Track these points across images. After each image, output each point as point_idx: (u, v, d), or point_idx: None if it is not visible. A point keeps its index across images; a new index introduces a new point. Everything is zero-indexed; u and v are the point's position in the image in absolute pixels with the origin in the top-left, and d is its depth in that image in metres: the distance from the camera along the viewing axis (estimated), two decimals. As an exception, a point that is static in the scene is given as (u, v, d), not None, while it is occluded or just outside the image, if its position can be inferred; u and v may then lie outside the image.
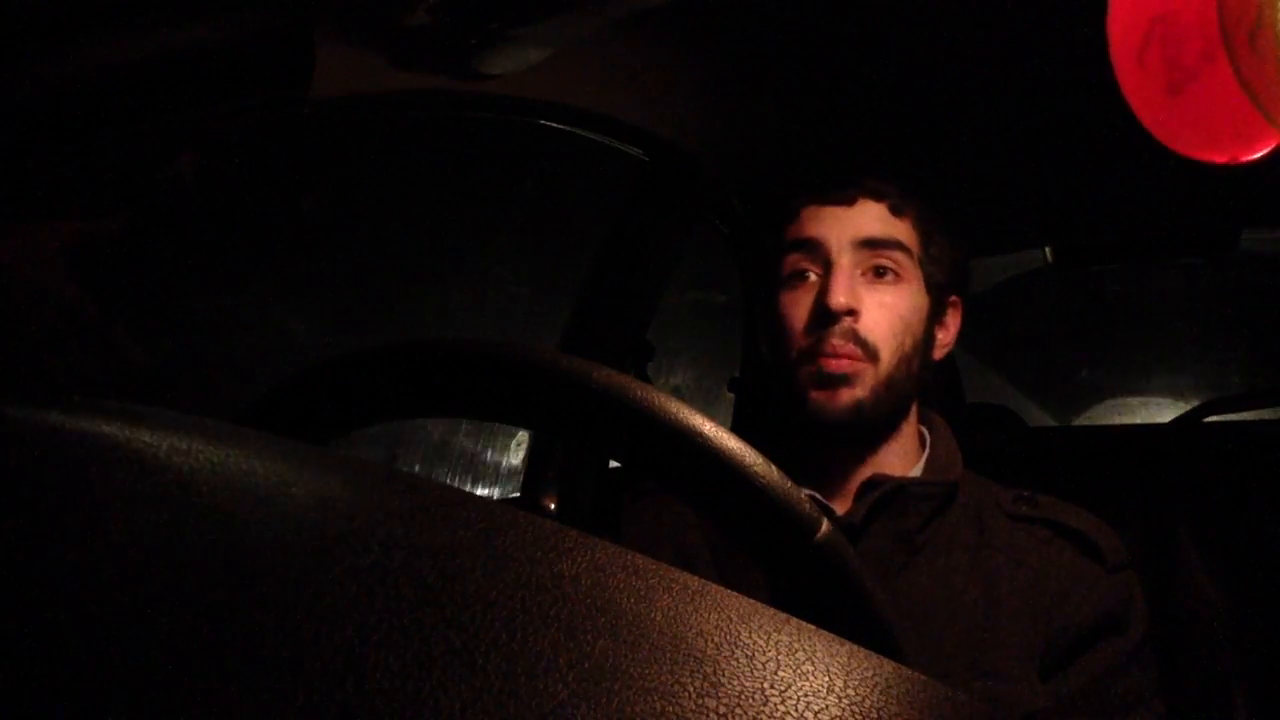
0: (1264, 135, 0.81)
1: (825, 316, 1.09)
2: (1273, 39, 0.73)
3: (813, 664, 0.34)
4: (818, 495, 1.13)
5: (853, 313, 1.09)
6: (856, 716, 0.32)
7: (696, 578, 0.38)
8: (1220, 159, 0.85)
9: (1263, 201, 1.61)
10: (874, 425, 1.12)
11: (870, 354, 1.09)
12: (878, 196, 1.14)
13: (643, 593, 0.36)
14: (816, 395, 1.10)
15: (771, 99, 1.35)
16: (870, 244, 1.12)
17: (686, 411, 0.53)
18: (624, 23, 1.10)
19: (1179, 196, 1.59)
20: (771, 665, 0.33)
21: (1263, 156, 0.83)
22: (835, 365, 1.09)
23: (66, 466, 0.38)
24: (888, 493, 1.09)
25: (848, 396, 1.09)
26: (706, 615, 0.35)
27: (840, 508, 1.12)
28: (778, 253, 1.16)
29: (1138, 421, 2.66)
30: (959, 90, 1.35)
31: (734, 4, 1.15)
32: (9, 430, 0.40)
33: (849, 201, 1.14)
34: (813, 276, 1.13)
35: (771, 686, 0.32)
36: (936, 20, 1.19)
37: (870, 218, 1.13)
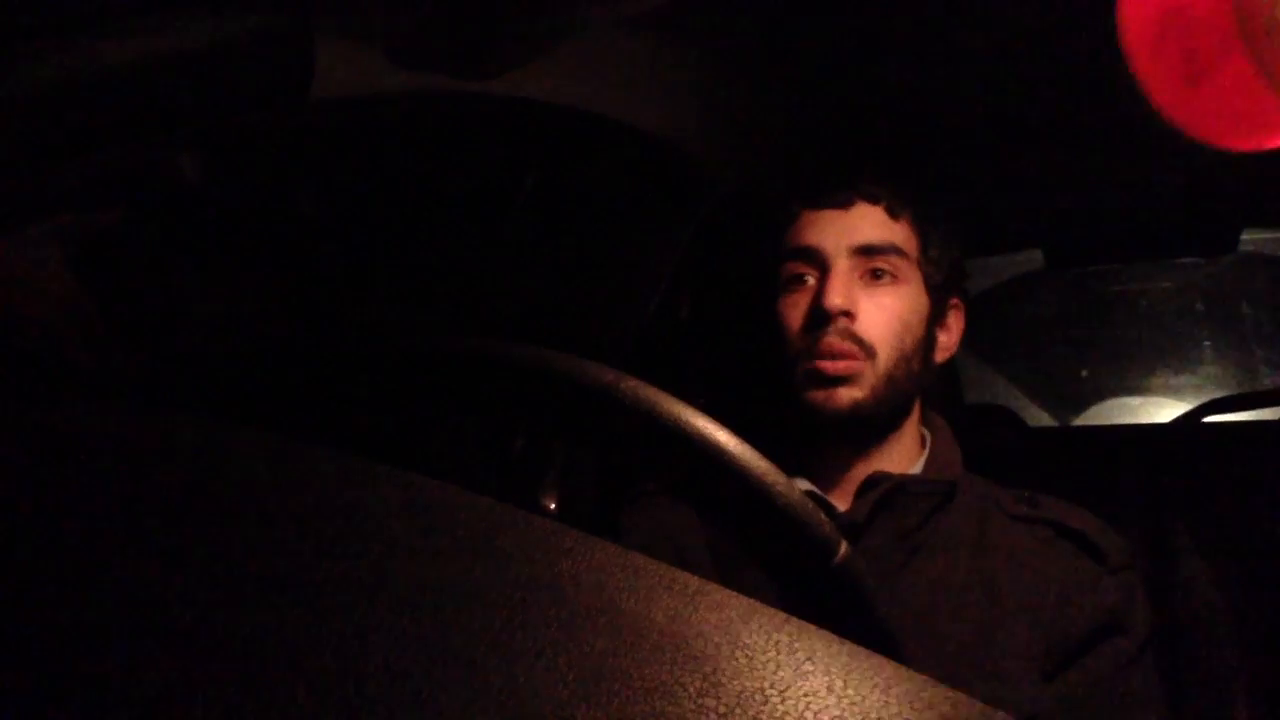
0: None
1: (821, 317, 1.09)
2: None
3: (813, 664, 0.34)
4: (816, 490, 1.13)
5: (849, 314, 1.09)
6: (856, 716, 0.32)
7: (696, 578, 0.38)
8: (1245, 147, 0.85)
9: (1263, 201, 1.61)
10: (874, 424, 1.12)
11: (868, 352, 1.09)
12: (874, 199, 1.14)
13: (643, 593, 0.36)
14: (814, 395, 1.10)
15: (769, 100, 1.35)
16: (867, 250, 1.12)
17: (711, 426, 0.53)
18: (624, 23, 1.10)
19: (1179, 196, 1.59)
20: (771, 665, 0.33)
21: None
22: (832, 367, 1.09)
23: (66, 465, 0.38)
24: (889, 490, 1.09)
25: (845, 396, 1.09)
26: (706, 615, 0.35)
27: (839, 504, 1.12)
28: (775, 258, 1.17)
29: (1138, 421, 2.66)
30: (957, 90, 1.35)
31: (734, 4, 1.15)
32: (9, 429, 0.40)
33: (845, 205, 1.14)
34: (810, 281, 1.13)
35: (771, 686, 0.32)
36: (934, 19, 1.19)
37: (867, 222, 1.13)
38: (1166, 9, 0.81)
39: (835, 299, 1.09)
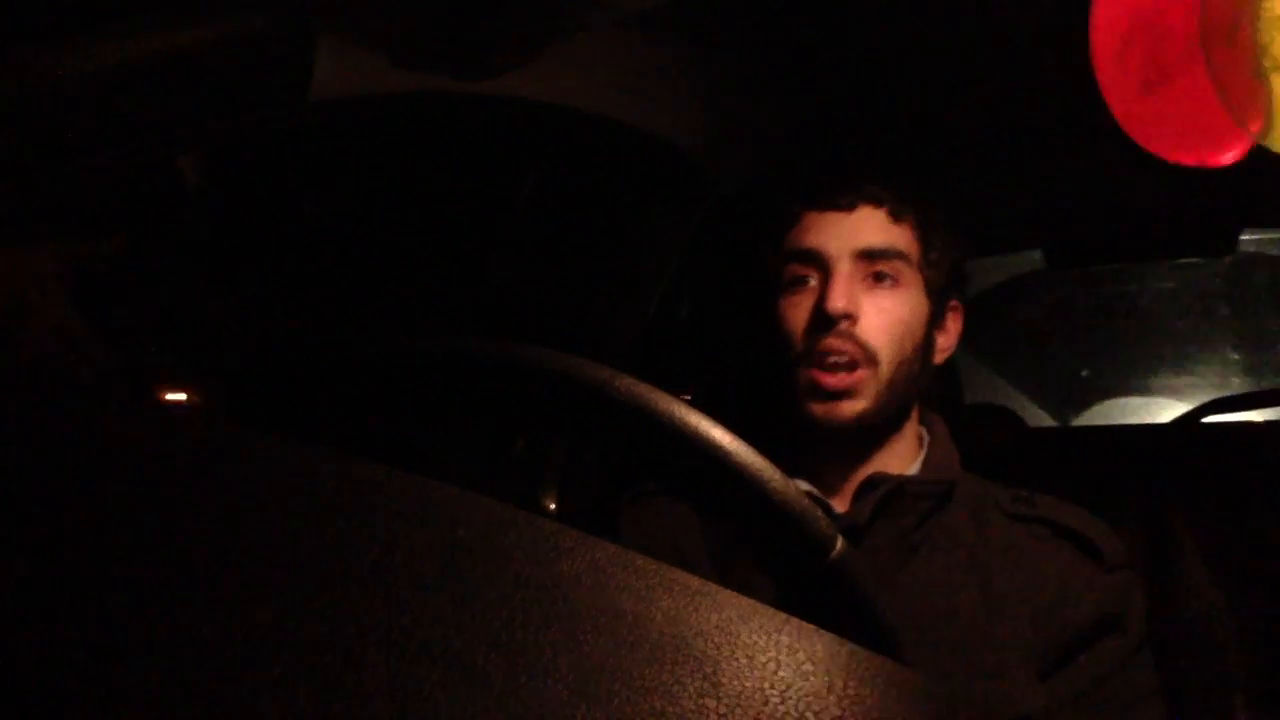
0: (1234, 139, 0.81)
1: (824, 321, 1.09)
2: (1250, 39, 0.73)
3: (813, 664, 0.34)
4: (815, 491, 1.13)
5: (850, 317, 1.09)
6: (856, 716, 0.32)
7: (696, 578, 0.38)
8: (1190, 161, 0.85)
9: (1263, 201, 1.61)
10: (876, 430, 1.12)
11: (869, 356, 1.09)
12: (877, 202, 1.14)
13: (643, 593, 0.36)
14: (815, 408, 1.09)
15: (770, 100, 1.35)
16: (870, 254, 1.11)
17: (707, 424, 0.53)
18: (624, 22, 1.10)
19: (1178, 196, 1.59)
20: (771, 665, 0.33)
21: (1231, 161, 0.83)
22: (834, 381, 1.08)
23: (65, 465, 0.38)
24: (889, 492, 1.08)
25: (849, 409, 1.08)
26: (706, 615, 0.35)
27: (838, 505, 1.12)
28: (777, 260, 1.16)
29: (1138, 421, 2.66)
30: (957, 90, 1.35)
31: (734, 4, 1.15)
32: (10, 429, 0.40)
33: (848, 208, 1.14)
34: (812, 283, 1.12)
35: (771, 686, 0.32)
36: (934, 20, 1.19)
37: (870, 226, 1.13)
38: (1137, 12, 0.81)
39: (838, 302, 1.08)
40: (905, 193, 1.15)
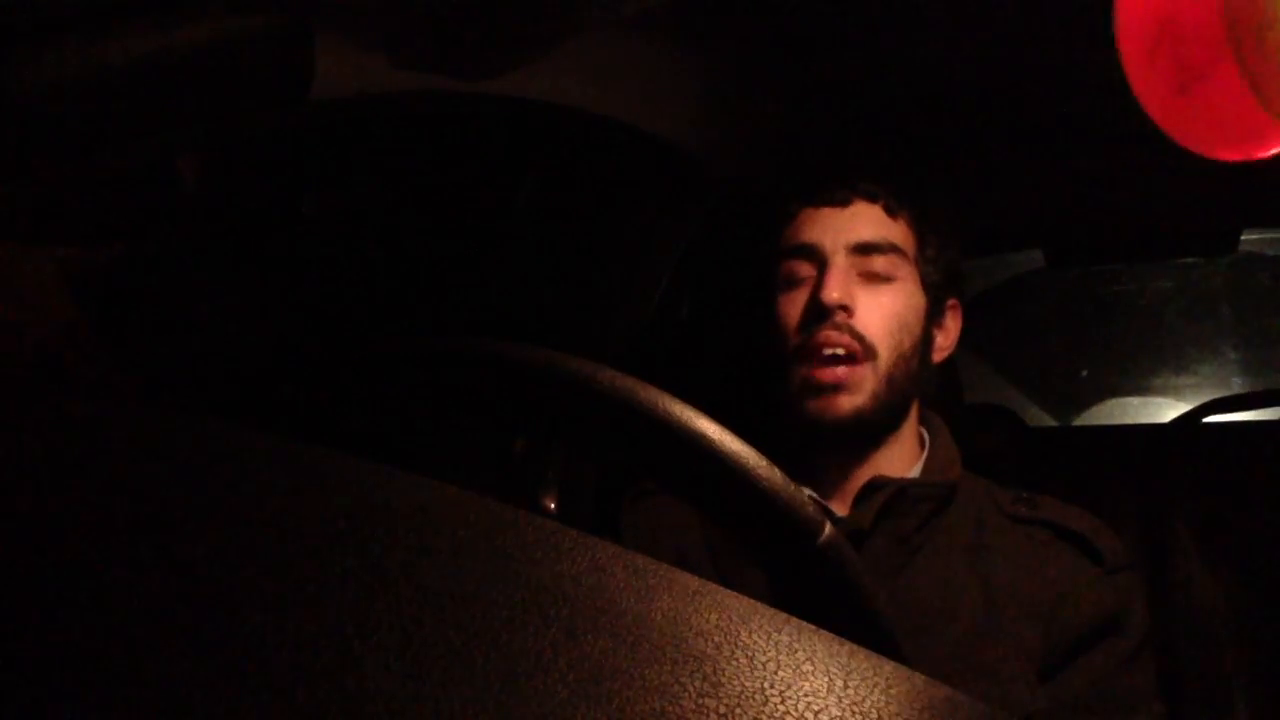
0: (1274, 133, 0.81)
1: (819, 312, 1.09)
2: (1278, 38, 0.73)
3: (813, 664, 0.34)
4: (816, 496, 1.13)
5: (847, 308, 1.09)
6: (856, 716, 0.32)
7: (696, 578, 0.38)
8: (1233, 157, 0.85)
9: (1263, 201, 1.61)
10: (874, 428, 1.12)
11: (868, 351, 1.08)
12: (872, 198, 1.14)
13: (643, 593, 0.36)
14: (812, 404, 1.09)
15: (770, 99, 1.35)
16: (865, 248, 1.12)
17: (691, 414, 0.53)
18: (624, 23, 1.10)
19: (1178, 196, 1.59)
20: (771, 665, 0.33)
21: (1276, 154, 0.83)
22: (830, 376, 1.08)
23: (66, 465, 0.38)
24: (891, 496, 1.08)
25: (847, 404, 1.08)
26: (706, 615, 0.35)
27: (839, 508, 1.12)
28: (773, 257, 1.16)
29: (1138, 421, 2.65)
30: (957, 90, 1.35)
31: (734, 3, 1.15)
32: (14, 428, 0.40)
33: (843, 203, 1.14)
34: (808, 278, 1.13)
35: (771, 686, 0.32)
36: (934, 19, 1.19)
37: (865, 220, 1.13)
38: (1161, 18, 0.81)
39: (833, 293, 1.08)
40: (900, 189, 1.16)
